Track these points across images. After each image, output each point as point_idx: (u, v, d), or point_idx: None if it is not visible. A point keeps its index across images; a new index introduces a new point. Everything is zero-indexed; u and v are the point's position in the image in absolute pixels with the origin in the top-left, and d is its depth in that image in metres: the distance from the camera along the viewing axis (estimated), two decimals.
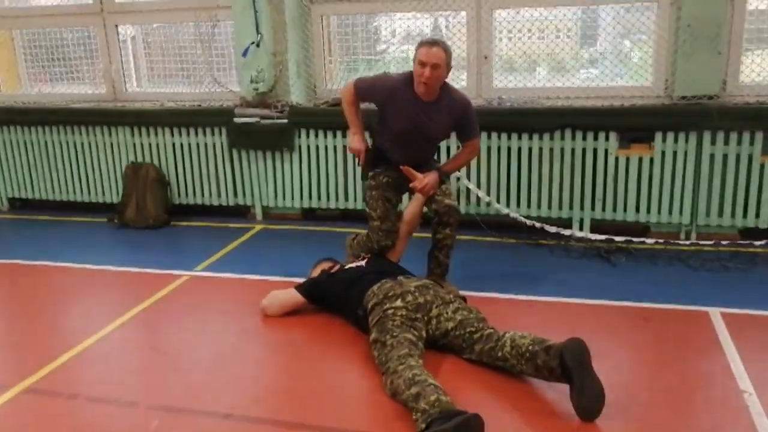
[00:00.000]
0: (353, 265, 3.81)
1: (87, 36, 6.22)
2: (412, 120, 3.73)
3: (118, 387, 3.07)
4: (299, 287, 3.75)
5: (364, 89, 3.90)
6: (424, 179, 3.78)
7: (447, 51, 3.59)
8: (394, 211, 3.99)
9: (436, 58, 3.53)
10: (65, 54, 6.38)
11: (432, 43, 3.58)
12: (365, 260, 3.83)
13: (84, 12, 6.05)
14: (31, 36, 6.43)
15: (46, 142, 6.09)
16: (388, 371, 2.82)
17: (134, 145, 5.86)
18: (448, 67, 3.64)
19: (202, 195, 5.82)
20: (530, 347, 2.86)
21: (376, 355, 3.01)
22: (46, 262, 4.77)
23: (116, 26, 6.04)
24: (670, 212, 4.83)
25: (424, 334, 3.12)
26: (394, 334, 3.01)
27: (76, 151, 6.03)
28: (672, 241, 4.77)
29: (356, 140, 3.97)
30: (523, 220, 4.98)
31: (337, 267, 3.88)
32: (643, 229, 4.97)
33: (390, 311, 3.14)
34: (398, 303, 3.18)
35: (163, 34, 6.24)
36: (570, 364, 2.66)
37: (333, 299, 3.64)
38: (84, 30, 6.21)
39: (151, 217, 5.60)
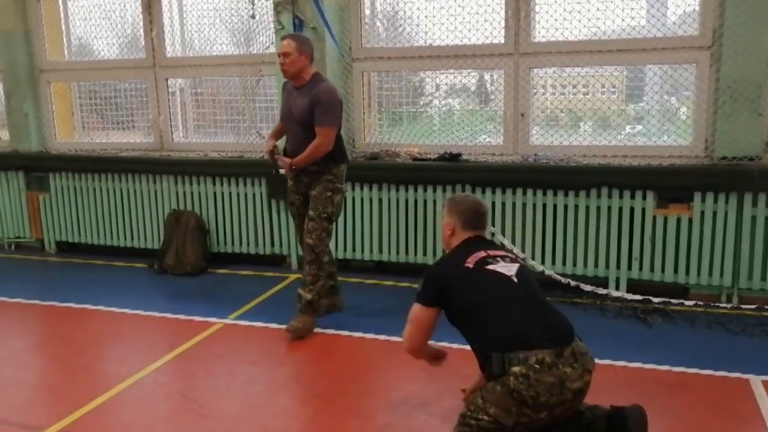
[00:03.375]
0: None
1: (139, 87, 6.51)
2: (286, 105, 4.22)
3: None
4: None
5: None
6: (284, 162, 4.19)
7: (297, 40, 4.08)
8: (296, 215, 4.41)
9: (285, 47, 4.04)
10: (118, 104, 6.68)
11: (284, 37, 4.16)
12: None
13: (137, 66, 6.35)
14: (88, 87, 6.76)
15: (94, 189, 6.33)
16: None
17: (177, 193, 6.05)
18: (302, 53, 4.05)
19: (240, 243, 5.94)
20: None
21: None
22: (87, 306, 4.90)
23: (166, 79, 6.31)
24: (710, 274, 4.73)
25: None
26: None
27: (122, 198, 6.25)
28: (712, 304, 4.66)
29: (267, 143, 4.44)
30: (558, 277, 4.93)
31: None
32: (682, 291, 4.86)
33: (519, 424, 2.52)
34: (542, 416, 2.49)
35: (211, 87, 6.49)
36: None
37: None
38: (136, 81, 6.51)
39: (190, 264, 5.72)
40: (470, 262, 2.73)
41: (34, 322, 4.82)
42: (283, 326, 4.36)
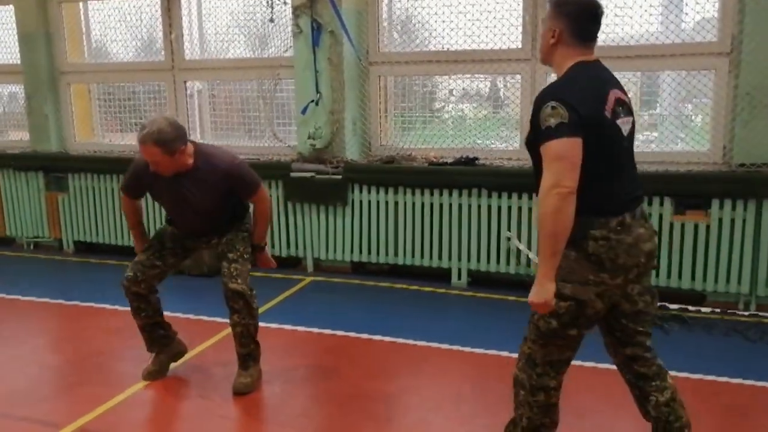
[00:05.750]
0: None
1: (157, 89, 6.57)
2: (172, 192, 3.43)
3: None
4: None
5: (130, 187, 3.61)
6: (269, 265, 3.81)
7: (159, 142, 3.17)
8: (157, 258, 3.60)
9: (151, 155, 3.22)
10: (136, 106, 6.74)
11: (141, 141, 3.20)
12: None
13: (156, 68, 6.41)
14: (106, 89, 6.83)
15: (112, 190, 6.39)
16: None
17: None
18: (171, 150, 3.21)
19: None
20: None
21: None
22: (104, 305, 4.96)
23: (185, 82, 6.37)
24: (728, 281, 4.70)
25: None
26: None
27: None
28: (730, 311, 4.63)
29: (138, 245, 3.70)
30: None
31: None
32: (699, 298, 4.83)
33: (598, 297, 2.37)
34: (619, 281, 2.39)
35: (228, 89, 6.54)
36: None
37: None
38: (154, 84, 6.57)
39: (206, 265, 5.75)
40: (608, 109, 2.31)
41: (52, 320, 4.88)
42: (298, 328, 4.39)
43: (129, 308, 3.60)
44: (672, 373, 3.66)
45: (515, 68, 5.25)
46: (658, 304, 4.59)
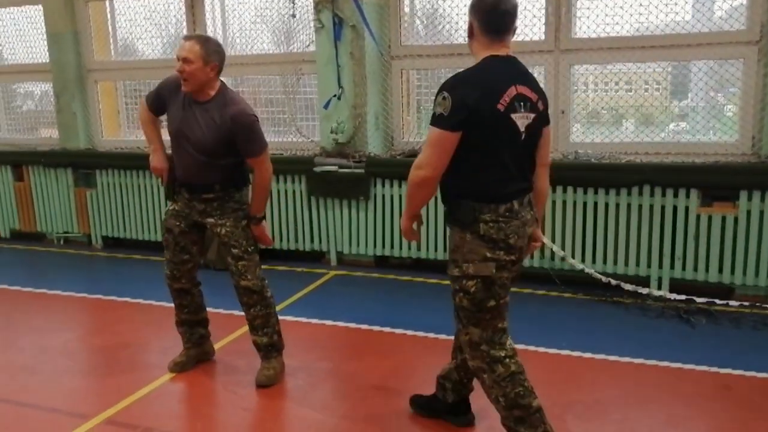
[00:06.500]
0: None
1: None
2: (180, 120, 3.38)
3: (191, 423, 3.21)
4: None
5: (151, 97, 3.55)
6: (265, 240, 3.58)
7: (204, 44, 3.26)
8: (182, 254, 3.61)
9: (186, 51, 3.23)
10: None
11: (187, 37, 3.33)
12: None
13: None
14: (134, 85, 6.92)
15: (139, 185, 6.48)
16: None
17: None
18: (206, 57, 3.25)
19: (280, 240, 6.01)
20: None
21: None
22: (131, 299, 5.04)
23: None
24: (757, 274, 4.62)
25: None
26: None
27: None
28: (758, 305, 4.55)
29: (156, 158, 3.56)
30: (599, 276, 4.87)
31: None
32: (727, 291, 4.76)
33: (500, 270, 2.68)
34: (513, 257, 2.66)
35: (252, 85, 6.58)
36: None
37: None
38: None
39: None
40: (503, 104, 2.45)
41: (82, 314, 4.98)
42: (322, 321, 4.42)
43: (156, 302, 3.65)
44: (698, 367, 3.65)
45: (538, 60, 5.20)
46: (685, 297, 4.58)
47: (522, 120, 2.51)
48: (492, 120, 2.45)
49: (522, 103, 2.50)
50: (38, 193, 6.97)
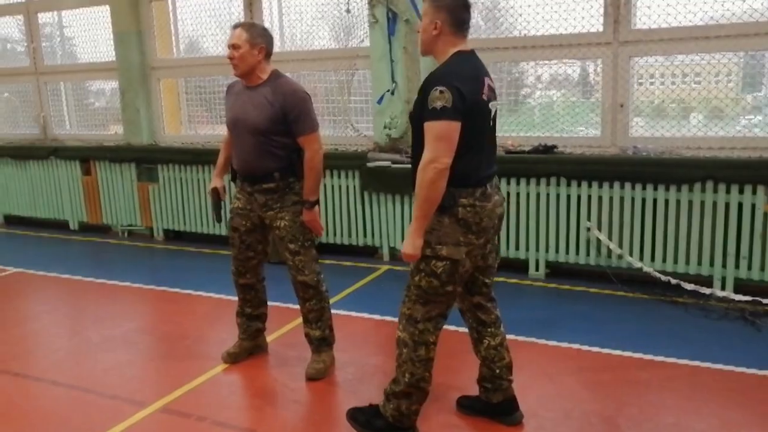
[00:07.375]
0: None
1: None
2: (236, 107, 3.55)
3: (242, 414, 3.28)
4: None
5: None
6: (315, 227, 3.57)
7: (249, 30, 3.46)
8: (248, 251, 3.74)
9: (234, 38, 3.44)
10: (223, 98, 6.94)
11: (235, 25, 3.52)
12: None
13: None
14: (197, 82, 7.11)
15: (198, 180, 6.66)
16: None
17: None
18: (255, 46, 3.42)
19: (334, 234, 6.07)
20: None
21: None
22: (190, 291, 5.19)
23: None
24: None
25: None
26: None
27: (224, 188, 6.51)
28: None
29: (212, 180, 3.88)
30: (658, 275, 4.73)
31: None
32: None
33: (468, 256, 2.86)
34: (482, 241, 2.84)
35: (310, 80, 6.65)
36: None
37: None
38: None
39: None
40: (484, 93, 2.66)
41: (143, 305, 5.15)
42: (373, 316, 4.44)
43: (216, 295, 3.74)
44: (763, 372, 3.49)
45: (596, 52, 5.08)
46: (750, 298, 4.40)
47: (493, 108, 2.76)
48: (478, 109, 2.65)
49: (492, 92, 2.75)
50: (104, 188, 7.26)
